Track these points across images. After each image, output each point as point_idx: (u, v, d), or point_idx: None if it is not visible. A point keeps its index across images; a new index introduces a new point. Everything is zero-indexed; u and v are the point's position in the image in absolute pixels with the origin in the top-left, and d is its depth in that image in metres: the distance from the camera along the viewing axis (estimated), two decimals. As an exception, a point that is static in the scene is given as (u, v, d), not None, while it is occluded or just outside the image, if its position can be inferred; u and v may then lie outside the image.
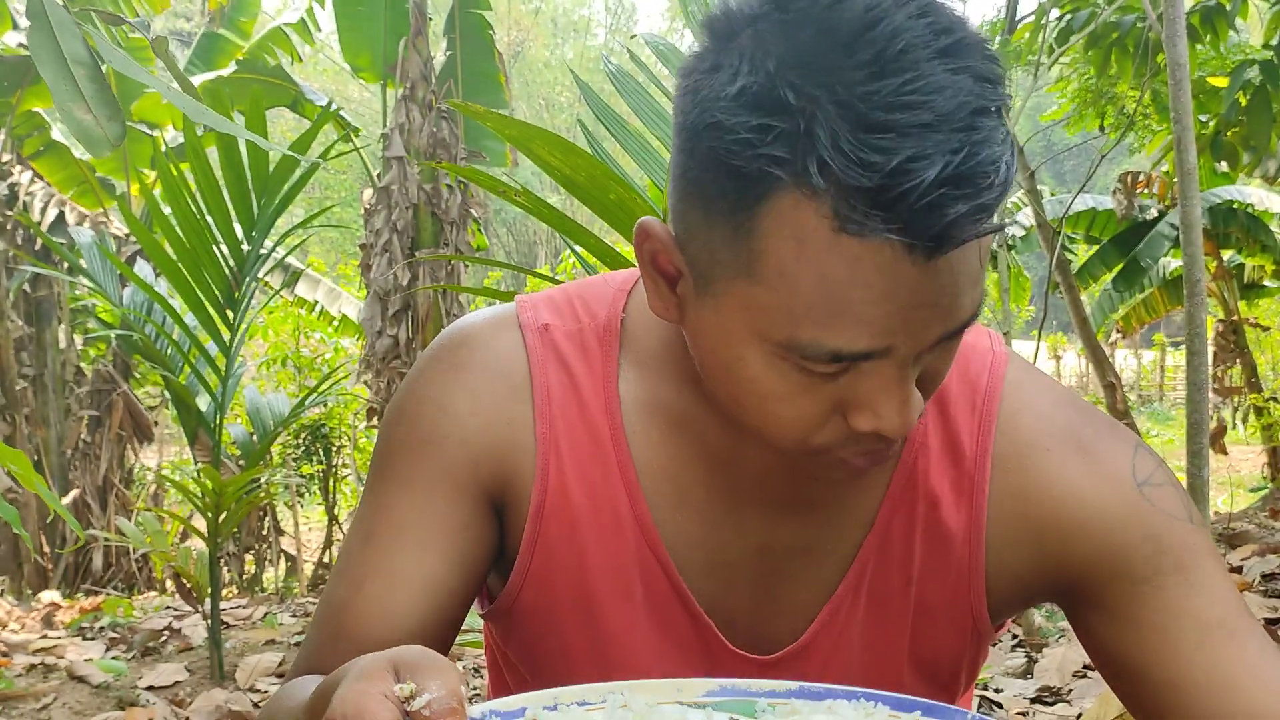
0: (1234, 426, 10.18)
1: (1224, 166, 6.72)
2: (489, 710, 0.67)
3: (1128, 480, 0.91)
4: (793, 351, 0.75)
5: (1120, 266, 8.77)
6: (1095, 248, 9.39)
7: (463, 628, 0.95)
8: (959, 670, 0.99)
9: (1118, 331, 10.49)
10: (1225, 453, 9.21)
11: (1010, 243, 9.53)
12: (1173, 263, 9.26)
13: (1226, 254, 8.91)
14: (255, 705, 3.79)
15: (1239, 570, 4.92)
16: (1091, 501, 0.90)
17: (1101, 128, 6.95)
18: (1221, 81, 6.16)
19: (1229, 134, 6.18)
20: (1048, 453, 0.92)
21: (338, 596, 0.94)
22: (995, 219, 0.70)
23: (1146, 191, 8.13)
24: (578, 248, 2.41)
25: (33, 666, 4.31)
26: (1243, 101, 5.90)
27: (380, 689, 0.62)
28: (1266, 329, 10.14)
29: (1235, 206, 8.36)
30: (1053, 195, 10.00)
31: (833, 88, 0.68)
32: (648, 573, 0.94)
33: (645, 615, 0.94)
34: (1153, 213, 8.61)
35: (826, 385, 0.77)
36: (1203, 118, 6.31)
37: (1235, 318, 8.85)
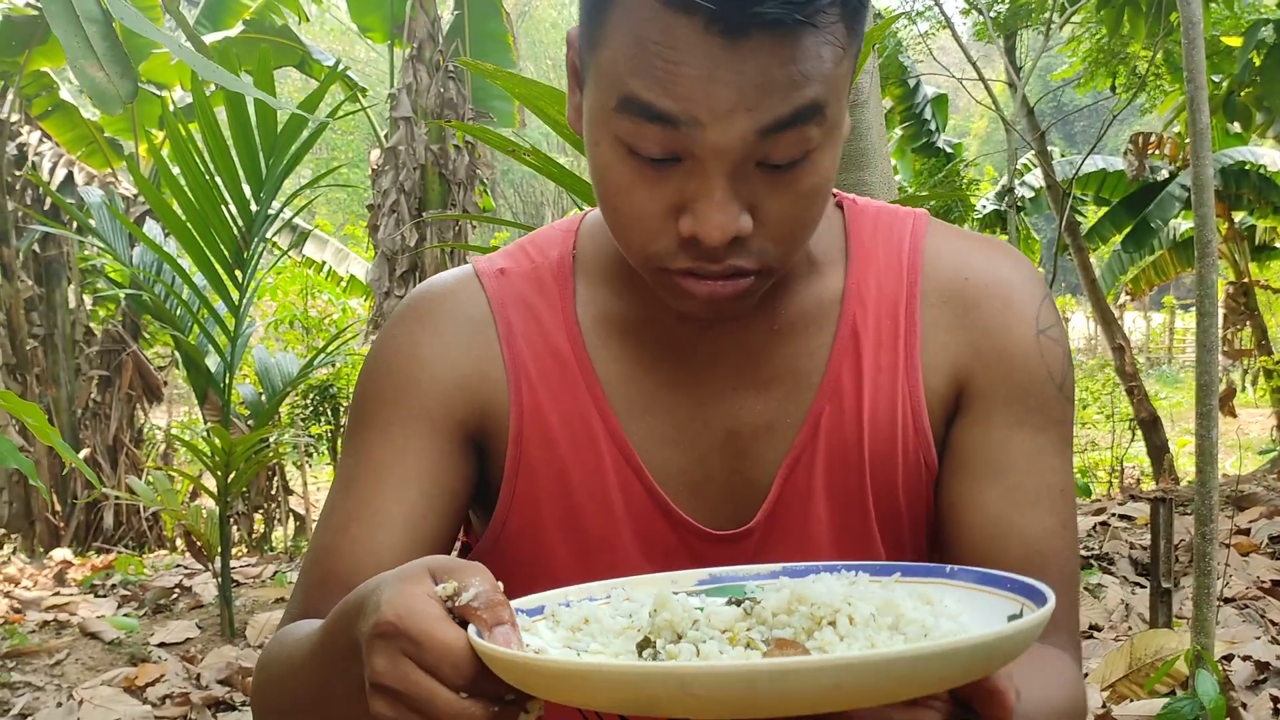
0: (1243, 389, 10.18)
1: (1236, 127, 6.68)
2: (514, 608, 0.71)
3: (1031, 323, 0.98)
4: (623, 112, 0.80)
5: (1130, 228, 8.74)
6: (1105, 209, 9.36)
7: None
8: (920, 530, 1.02)
9: (1127, 294, 10.46)
10: (1234, 415, 9.21)
11: (1019, 204, 9.49)
12: (1182, 224, 9.21)
13: (1238, 216, 8.87)
14: (266, 662, 3.83)
15: (1246, 533, 4.91)
16: (999, 331, 0.98)
17: (1113, 88, 6.91)
18: (1235, 41, 6.11)
19: (1242, 94, 6.13)
20: (966, 281, 1.00)
21: (323, 542, 0.97)
22: (823, 47, 0.76)
23: (1157, 153, 8.09)
24: (586, 207, 2.41)
25: (46, 623, 4.35)
26: (1256, 61, 5.85)
27: (423, 590, 0.66)
28: (1277, 291, 10.10)
29: (1247, 168, 8.30)
30: (1063, 156, 9.95)
31: None
32: (624, 481, 0.98)
33: (626, 522, 0.98)
34: (1163, 174, 8.57)
35: (660, 184, 0.83)
36: (1216, 78, 6.26)
37: (1246, 280, 8.82)
